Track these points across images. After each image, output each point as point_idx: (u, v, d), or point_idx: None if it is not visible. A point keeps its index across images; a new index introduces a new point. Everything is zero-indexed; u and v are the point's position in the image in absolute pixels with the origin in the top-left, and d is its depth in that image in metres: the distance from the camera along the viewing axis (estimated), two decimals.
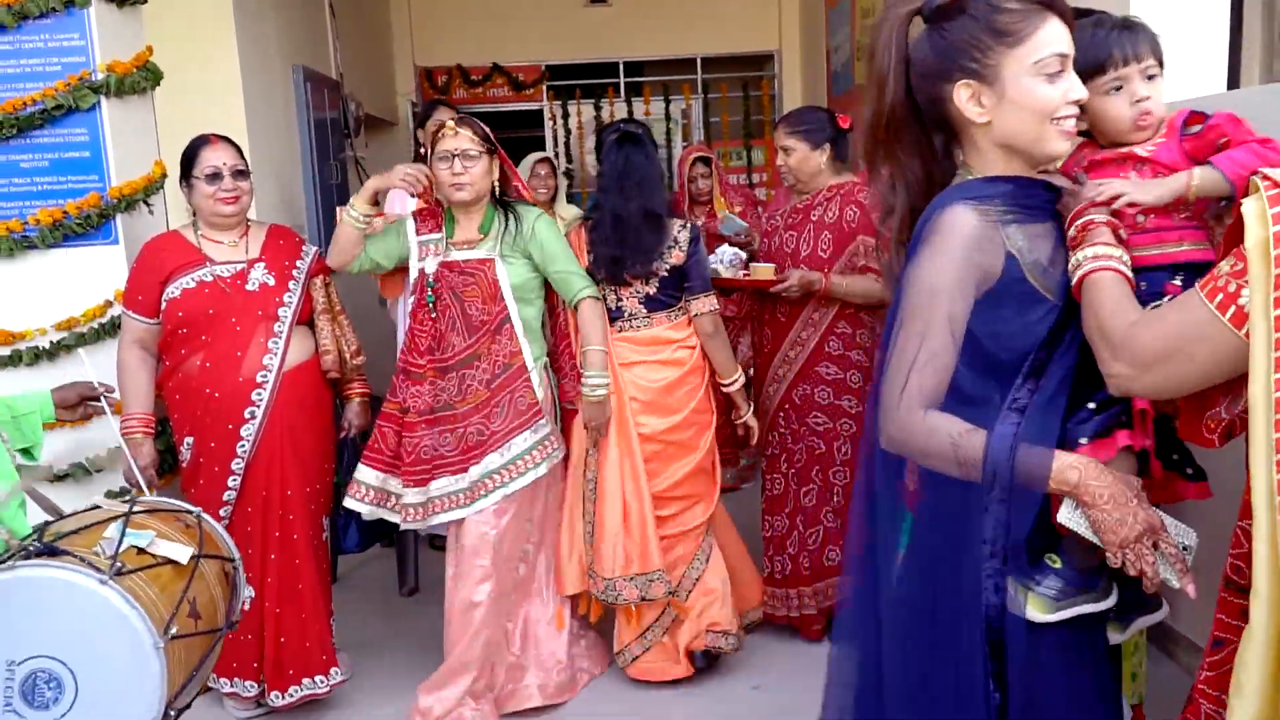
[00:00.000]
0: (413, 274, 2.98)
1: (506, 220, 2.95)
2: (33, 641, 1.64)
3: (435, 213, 3.02)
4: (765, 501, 3.37)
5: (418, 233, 2.99)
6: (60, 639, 1.65)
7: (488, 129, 2.97)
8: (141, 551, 1.80)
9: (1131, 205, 1.52)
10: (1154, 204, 1.55)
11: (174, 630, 1.74)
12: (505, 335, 2.88)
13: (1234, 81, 4.94)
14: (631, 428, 3.00)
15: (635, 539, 2.97)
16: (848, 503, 3.25)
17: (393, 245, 3.03)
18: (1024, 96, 1.44)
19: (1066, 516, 1.40)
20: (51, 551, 1.71)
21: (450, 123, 2.90)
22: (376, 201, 3.00)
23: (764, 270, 3.20)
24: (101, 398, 2.23)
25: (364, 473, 2.93)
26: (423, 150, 3.91)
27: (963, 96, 1.47)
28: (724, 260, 3.30)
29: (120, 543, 1.75)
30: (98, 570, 1.68)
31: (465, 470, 2.85)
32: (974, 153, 1.52)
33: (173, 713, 1.74)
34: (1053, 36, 1.43)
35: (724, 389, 3.16)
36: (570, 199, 7.35)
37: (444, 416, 2.87)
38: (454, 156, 2.86)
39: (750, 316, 3.50)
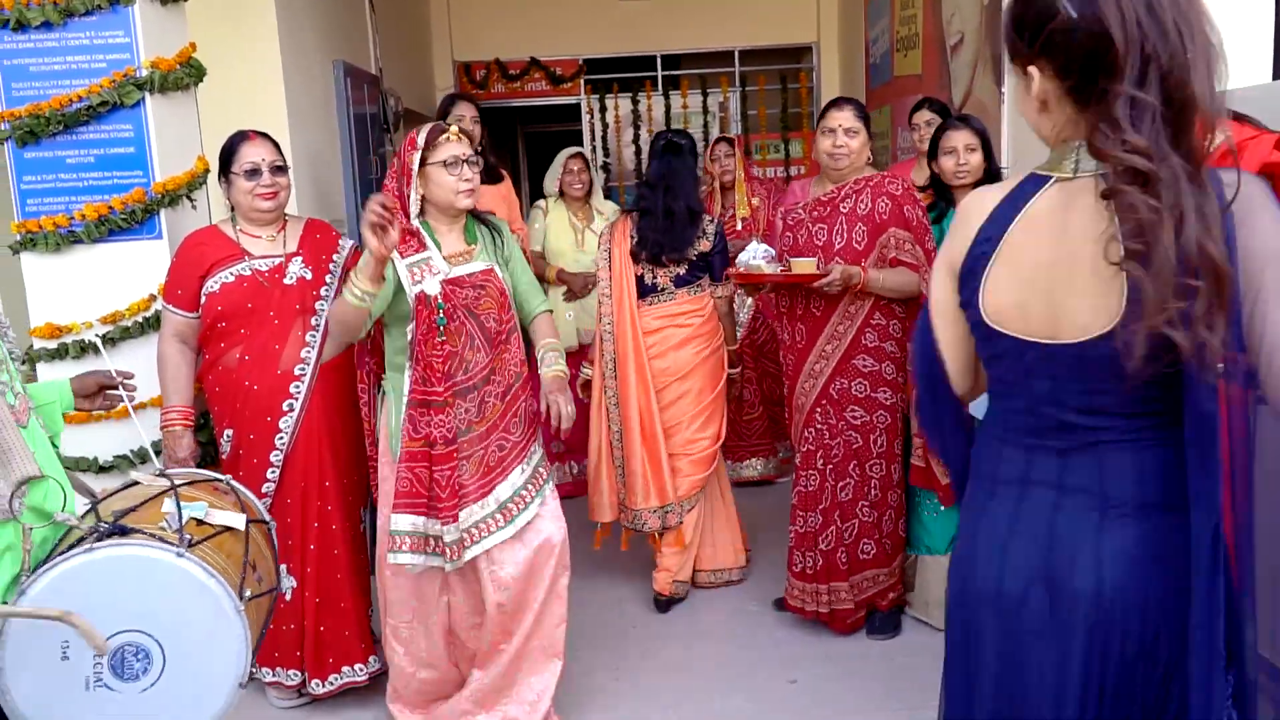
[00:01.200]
0: (410, 301, 2.62)
1: (486, 229, 2.83)
2: (118, 617, 1.68)
3: (413, 231, 2.68)
4: (798, 498, 3.34)
5: (401, 255, 2.62)
6: (144, 612, 1.70)
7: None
8: (201, 522, 1.84)
9: None
10: None
11: (247, 593, 1.80)
12: (514, 344, 2.75)
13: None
14: (649, 377, 3.55)
15: (656, 476, 3.55)
16: (884, 495, 3.24)
17: (385, 289, 2.59)
18: None
19: None
20: (122, 531, 1.75)
21: (455, 128, 2.68)
22: (383, 276, 2.51)
23: (805, 265, 3.14)
24: (120, 386, 2.24)
25: (399, 521, 2.63)
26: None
27: None
28: (757, 255, 3.26)
29: (181, 516, 1.80)
30: (171, 544, 1.73)
31: (490, 492, 2.68)
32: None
33: (250, 671, 1.79)
34: None
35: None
36: (607, 193, 7.36)
37: (465, 442, 2.65)
38: (463, 162, 2.66)
39: (779, 312, 3.46)
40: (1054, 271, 1.35)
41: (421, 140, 2.65)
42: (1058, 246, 1.35)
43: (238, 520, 1.92)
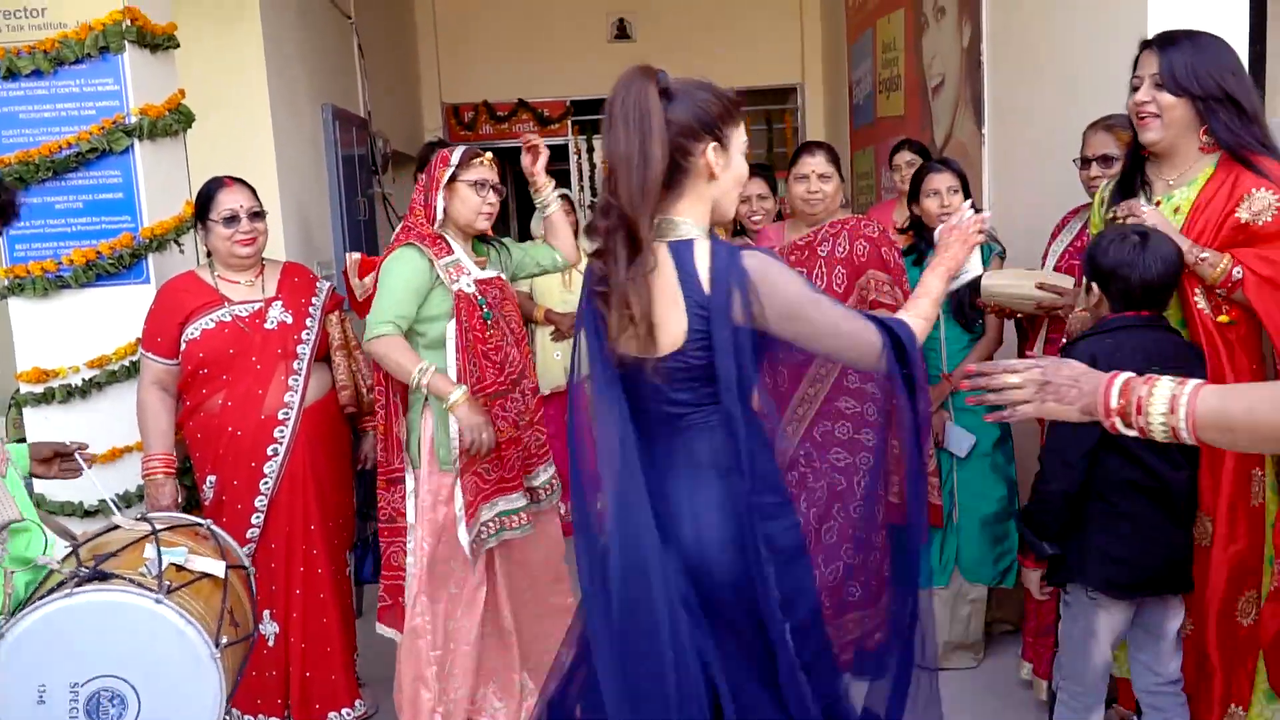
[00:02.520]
0: (450, 299, 2.73)
1: (493, 246, 2.99)
2: (94, 662, 1.71)
3: (437, 237, 2.82)
4: None
5: (436, 256, 2.76)
6: (121, 658, 1.72)
7: None
8: (180, 568, 1.86)
9: None
10: None
11: (224, 640, 1.82)
12: (526, 348, 2.96)
13: None
14: None
15: None
16: (868, 536, 3.24)
17: (410, 308, 2.75)
18: (737, 167, 1.83)
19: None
20: (101, 576, 1.77)
21: (490, 155, 2.88)
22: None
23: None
24: (76, 455, 2.25)
25: (488, 510, 2.77)
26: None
27: (711, 153, 1.77)
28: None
29: (161, 561, 1.81)
30: (150, 590, 1.75)
31: (520, 486, 2.84)
32: (696, 203, 1.81)
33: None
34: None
35: None
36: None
37: (516, 437, 2.81)
38: (490, 187, 2.85)
39: None
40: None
41: (456, 158, 2.82)
42: None
43: (217, 567, 1.94)
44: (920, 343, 1.82)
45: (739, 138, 1.83)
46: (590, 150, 8.39)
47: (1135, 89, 2.37)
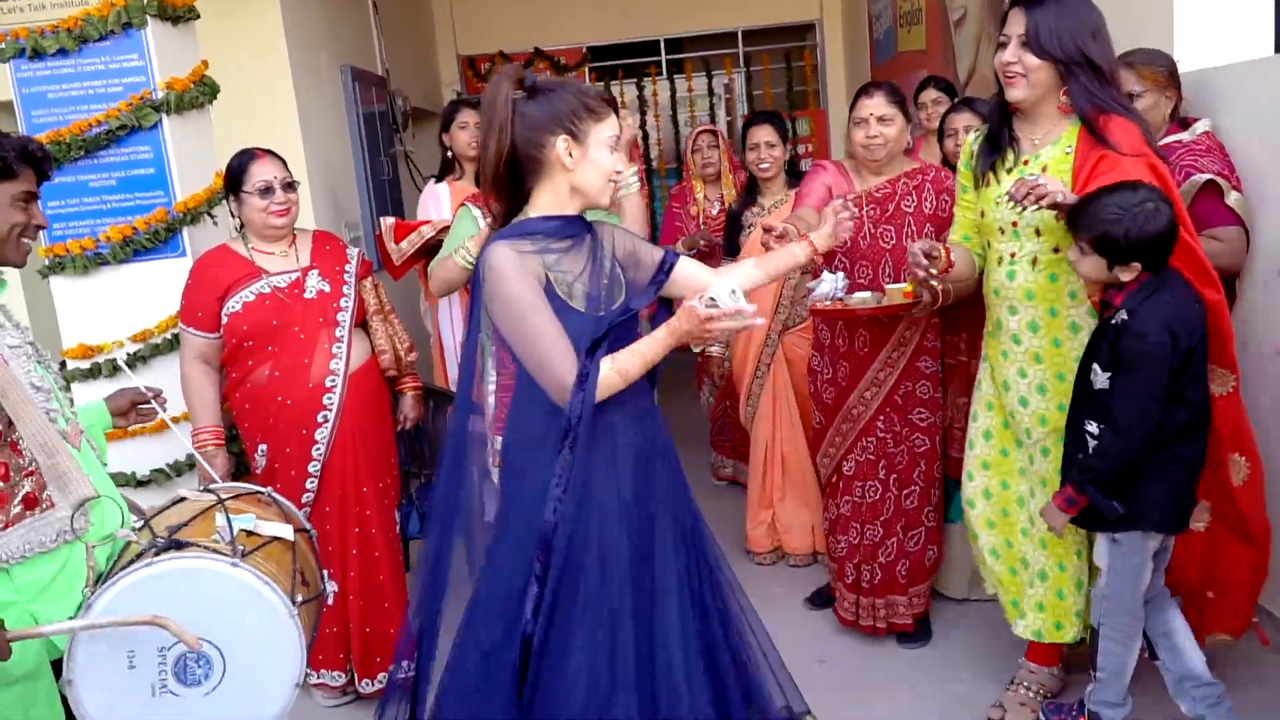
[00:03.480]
0: None
1: None
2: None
3: (479, 194, 3.02)
4: (851, 509, 3.21)
5: (484, 214, 2.96)
6: (203, 621, 1.77)
7: None
8: (250, 533, 1.92)
9: None
10: None
11: (298, 598, 1.88)
12: None
13: None
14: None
15: None
16: (939, 499, 3.20)
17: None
18: (598, 159, 1.99)
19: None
20: (178, 545, 1.83)
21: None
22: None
23: (897, 292, 2.83)
24: (151, 400, 2.33)
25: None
26: (449, 153, 3.95)
27: (560, 148, 1.96)
28: (837, 286, 2.92)
29: (232, 528, 1.87)
30: (225, 555, 1.81)
31: None
32: (551, 194, 2.01)
33: (302, 677, 1.87)
34: (615, 123, 2.01)
35: None
36: None
37: None
38: None
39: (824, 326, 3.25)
40: None
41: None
42: None
43: (285, 530, 2.00)
44: (608, 392, 1.94)
45: (600, 132, 1.99)
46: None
47: (1003, 46, 2.41)
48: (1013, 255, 2.50)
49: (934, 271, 2.51)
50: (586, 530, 1.98)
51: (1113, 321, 2.30)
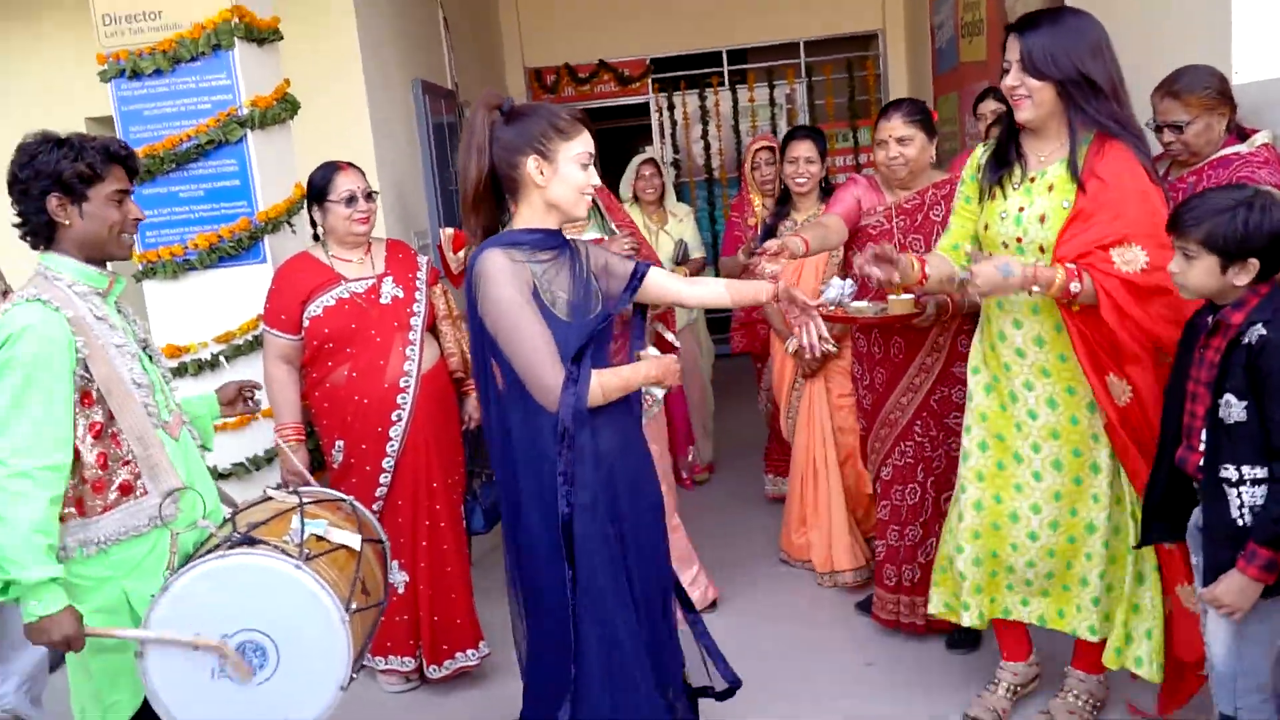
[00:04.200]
0: None
1: (596, 210, 3.34)
2: (242, 617, 1.92)
3: None
4: (891, 513, 3.30)
5: None
6: (264, 615, 1.93)
7: None
8: (320, 539, 2.07)
9: None
10: None
11: (354, 606, 2.01)
12: None
13: None
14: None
15: None
16: None
17: None
18: (568, 175, 2.14)
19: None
20: (250, 541, 1.98)
21: None
22: None
23: (904, 304, 2.99)
24: (254, 391, 2.52)
25: None
26: None
27: (531, 166, 2.11)
28: (845, 292, 2.98)
29: (303, 532, 2.02)
30: (291, 557, 1.95)
31: None
32: (528, 209, 2.18)
33: (350, 677, 2.00)
34: (587, 140, 2.17)
35: None
36: (678, 190, 7.50)
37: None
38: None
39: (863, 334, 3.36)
40: None
41: None
42: None
43: (354, 540, 2.14)
44: (588, 405, 2.10)
45: (570, 150, 2.14)
46: (670, 108, 8.46)
47: (1006, 71, 2.45)
48: None
49: (895, 279, 2.52)
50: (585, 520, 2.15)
51: (1244, 341, 2.05)
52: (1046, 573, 2.64)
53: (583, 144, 2.16)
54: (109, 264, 2.14)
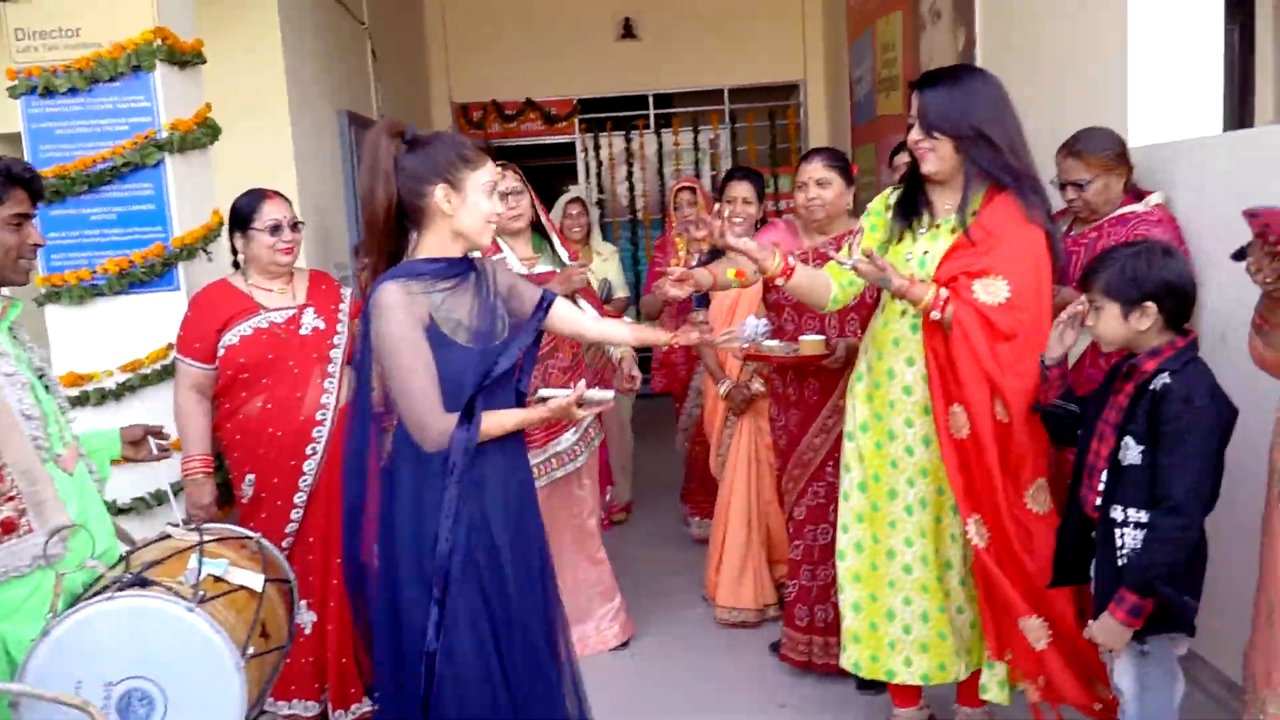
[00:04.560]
0: None
1: (548, 244, 3.57)
2: (128, 663, 1.82)
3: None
4: (803, 553, 3.34)
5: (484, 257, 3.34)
6: (152, 661, 1.83)
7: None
8: (218, 579, 1.99)
9: None
10: None
11: (251, 650, 1.93)
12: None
13: (1243, 120, 5.00)
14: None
15: None
16: None
17: None
18: (476, 204, 2.16)
19: None
20: (142, 582, 1.89)
21: (498, 167, 3.17)
22: None
23: (814, 344, 3.09)
24: (162, 438, 2.44)
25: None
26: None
27: (439, 195, 2.12)
28: (759, 331, 3.20)
29: (200, 572, 1.94)
30: (185, 599, 1.87)
31: (550, 442, 3.46)
32: (434, 238, 2.18)
33: None
34: (491, 169, 2.20)
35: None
36: (603, 229, 7.55)
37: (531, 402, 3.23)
38: (509, 193, 3.41)
39: (776, 374, 3.43)
40: None
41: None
42: None
43: (256, 580, 2.06)
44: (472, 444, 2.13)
45: (477, 180, 2.16)
46: (596, 149, 8.54)
47: (910, 127, 2.58)
48: None
49: (706, 284, 2.68)
50: (469, 554, 2.16)
51: (1151, 387, 2.14)
52: (922, 613, 2.70)
53: (488, 173, 2.19)
54: (3, 289, 2.06)
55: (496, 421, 2.15)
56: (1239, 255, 1.95)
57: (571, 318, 2.45)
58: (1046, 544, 2.48)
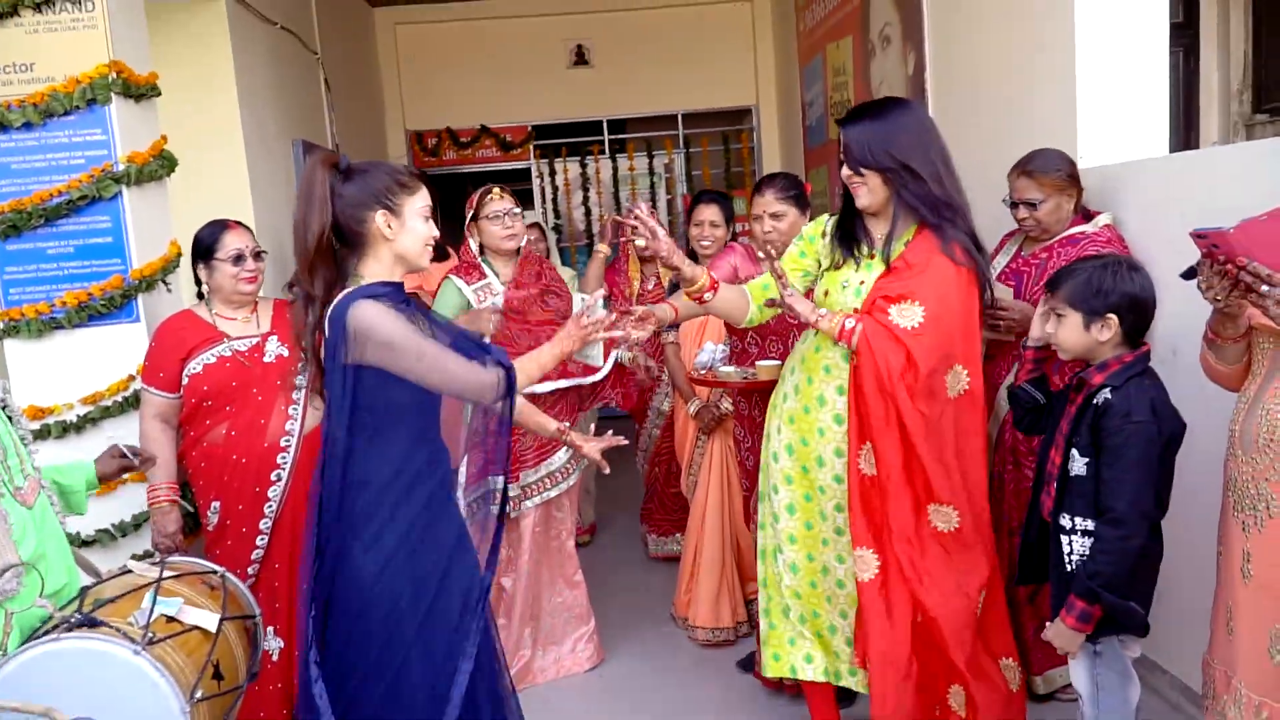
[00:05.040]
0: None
1: (533, 262, 3.68)
2: (73, 705, 1.77)
3: (475, 265, 3.60)
4: None
5: (468, 283, 3.55)
6: (98, 703, 1.80)
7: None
8: (171, 619, 1.96)
9: None
10: None
11: (199, 694, 1.90)
12: None
13: (1189, 143, 5.15)
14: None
15: None
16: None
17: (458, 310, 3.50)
18: (415, 228, 2.21)
19: None
20: (91, 623, 1.87)
21: (498, 189, 3.60)
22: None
23: (771, 369, 3.15)
24: (132, 455, 2.43)
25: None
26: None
27: (380, 221, 2.16)
28: (716, 356, 3.21)
29: (152, 612, 1.92)
30: (131, 641, 1.85)
31: (543, 462, 3.57)
32: (375, 262, 2.22)
33: None
34: (425, 194, 2.25)
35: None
36: (561, 254, 7.59)
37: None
38: (504, 215, 3.55)
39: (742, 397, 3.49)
40: None
41: (475, 201, 3.59)
42: None
43: (210, 620, 2.04)
44: (517, 390, 2.24)
45: (414, 204, 2.21)
46: (552, 174, 8.58)
47: (843, 162, 2.62)
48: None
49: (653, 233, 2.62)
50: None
51: (1094, 401, 2.22)
52: (832, 627, 2.74)
53: (423, 198, 2.25)
54: None
55: (523, 368, 2.27)
56: (1189, 274, 2.03)
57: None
58: (943, 566, 2.55)
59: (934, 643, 2.56)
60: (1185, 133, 5.25)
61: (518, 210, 3.59)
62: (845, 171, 2.60)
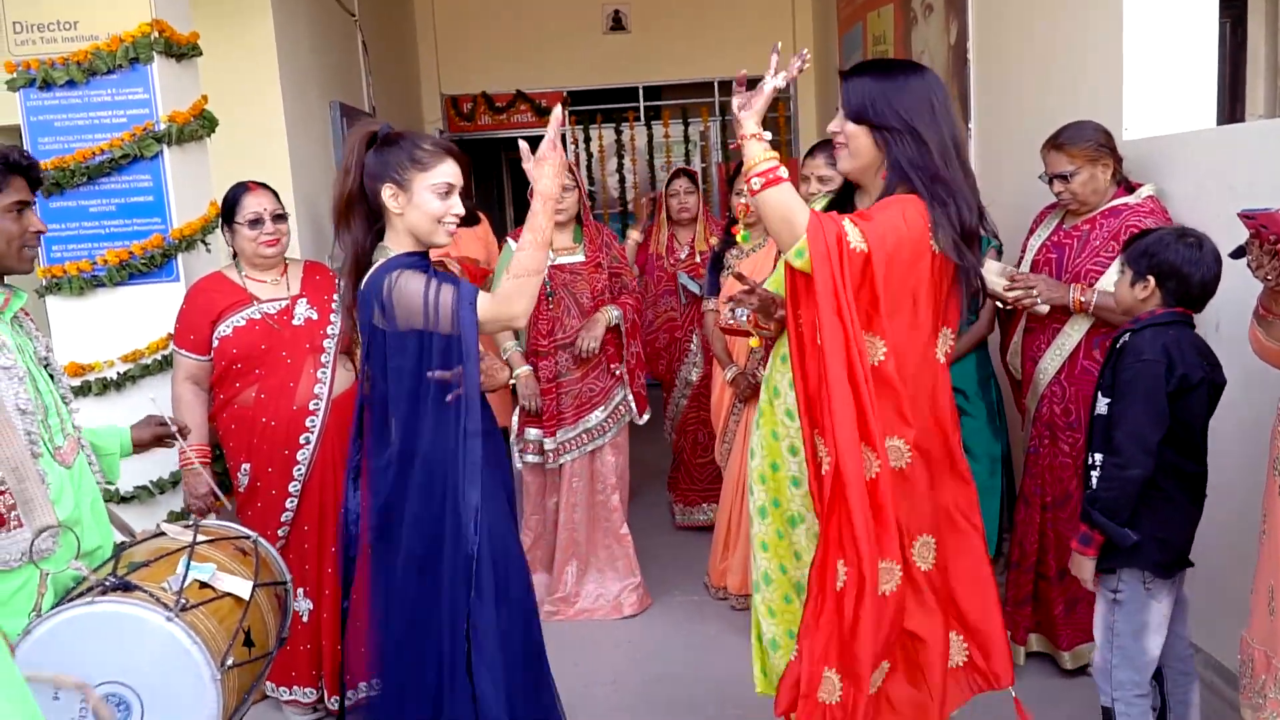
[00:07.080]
0: None
1: (597, 234, 3.88)
2: (106, 668, 1.81)
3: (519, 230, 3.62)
4: None
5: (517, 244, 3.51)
6: (130, 667, 1.82)
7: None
8: (204, 585, 1.97)
9: None
10: None
11: (230, 661, 1.91)
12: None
13: (1234, 114, 5.04)
14: None
15: None
16: None
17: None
18: (423, 204, 2.23)
19: None
20: (125, 587, 1.88)
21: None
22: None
23: None
24: (172, 425, 2.44)
25: (530, 432, 3.83)
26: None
27: (387, 194, 2.22)
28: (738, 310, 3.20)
29: (185, 578, 1.92)
30: (165, 607, 1.85)
31: (580, 419, 3.80)
32: (392, 233, 2.28)
33: None
34: (448, 170, 2.25)
35: None
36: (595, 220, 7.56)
37: (565, 382, 3.78)
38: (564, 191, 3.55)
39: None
40: None
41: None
42: None
43: (243, 587, 2.03)
44: (528, 274, 2.24)
45: (427, 180, 2.23)
46: (587, 140, 8.55)
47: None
48: None
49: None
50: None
51: (1117, 345, 2.36)
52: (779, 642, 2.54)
53: (442, 174, 2.24)
54: (6, 278, 2.06)
55: (524, 243, 2.24)
56: (1238, 253, 2.03)
57: None
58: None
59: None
60: (1231, 105, 5.13)
61: (571, 184, 3.71)
62: (832, 126, 2.27)
